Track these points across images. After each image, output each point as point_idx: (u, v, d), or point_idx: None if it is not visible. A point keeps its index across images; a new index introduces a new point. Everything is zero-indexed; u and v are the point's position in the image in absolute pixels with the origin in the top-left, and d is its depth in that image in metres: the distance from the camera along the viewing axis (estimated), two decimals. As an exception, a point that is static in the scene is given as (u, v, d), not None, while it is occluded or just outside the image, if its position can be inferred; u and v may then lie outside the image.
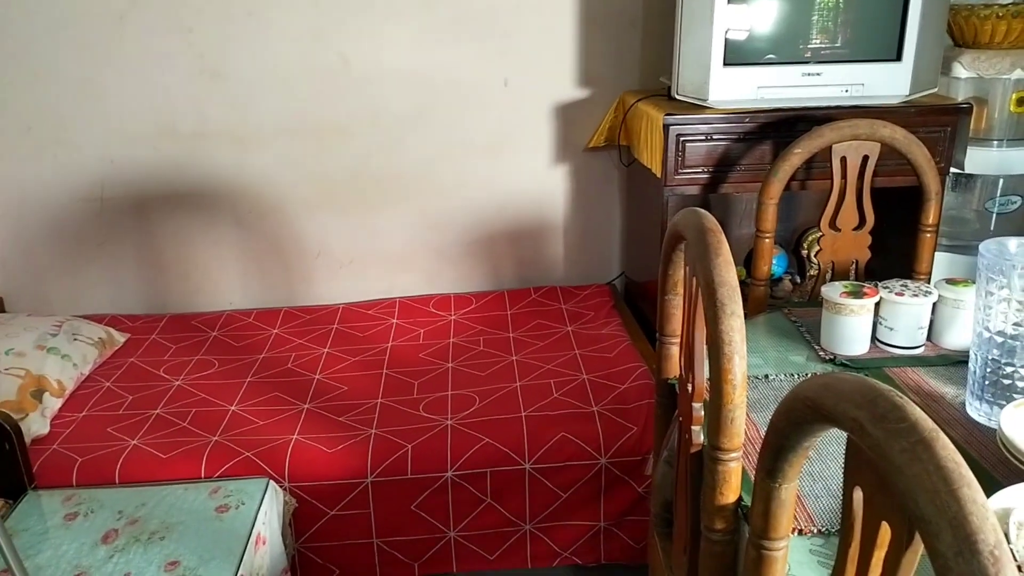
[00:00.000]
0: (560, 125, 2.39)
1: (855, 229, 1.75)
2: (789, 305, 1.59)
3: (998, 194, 2.12)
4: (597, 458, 1.69)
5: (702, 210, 1.06)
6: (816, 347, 1.36)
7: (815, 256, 1.82)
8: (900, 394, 0.57)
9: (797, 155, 1.68)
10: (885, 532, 0.58)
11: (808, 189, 1.98)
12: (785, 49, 1.86)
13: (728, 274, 0.93)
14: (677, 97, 1.93)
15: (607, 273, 2.58)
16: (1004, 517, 0.84)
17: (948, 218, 2.20)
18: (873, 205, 1.75)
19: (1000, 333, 1.08)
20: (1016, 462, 0.96)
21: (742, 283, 2.07)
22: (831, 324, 1.34)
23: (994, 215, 2.14)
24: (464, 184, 2.42)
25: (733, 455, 0.92)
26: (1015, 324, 1.06)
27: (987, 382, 1.11)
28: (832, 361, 1.32)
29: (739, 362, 0.89)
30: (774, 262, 2.35)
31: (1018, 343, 1.07)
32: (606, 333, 2.14)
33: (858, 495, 0.61)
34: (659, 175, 1.95)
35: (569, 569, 1.83)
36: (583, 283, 2.51)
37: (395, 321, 2.30)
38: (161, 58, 2.25)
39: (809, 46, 1.86)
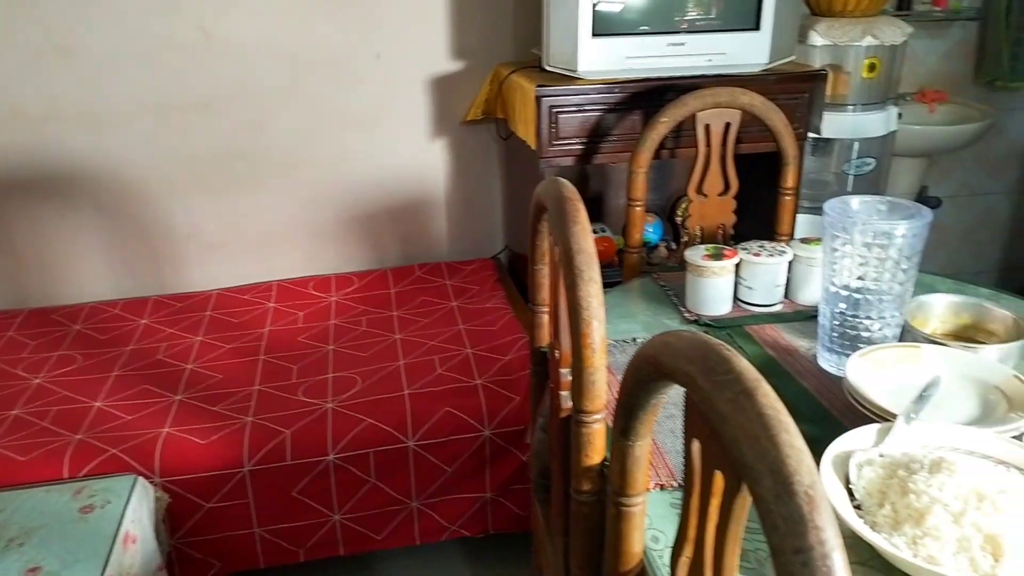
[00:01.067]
0: (436, 98, 2.36)
1: (721, 194, 1.80)
2: (659, 270, 1.63)
3: (854, 156, 2.24)
4: (480, 430, 1.69)
5: (561, 179, 1.07)
6: (682, 309, 1.40)
7: (685, 222, 1.87)
8: (729, 348, 0.58)
9: (663, 124, 1.71)
10: (719, 481, 0.60)
11: (678, 157, 2.03)
12: (651, 19, 1.89)
13: (585, 241, 0.94)
14: (548, 68, 1.94)
15: (492, 247, 2.58)
16: (847, 460, 0.89)
17: (810, 181, 2.31)
18: (738, 171, 1.81)
19: (845, 287, 1.13)
20: (860, 407, 1.01)
21: (620, 251, 2.11)
22: (695, 286, 1.38)
23: (851, 177, 2.26)
24: (340, 160, 2.37)
25: (596, 417, 0.93)
26: (859, 278, 1.12)
27: (835, 334, 1.17)
28: (697, 322, 1.36)
29: (597, 326, 0.90)
30: (650, 229, 2.41)
31: (861, 296, 1.13)
32: (490, 307, 2.14)
33: (696, 447, 0.63)
34: (534, 147, 1.96)
35: (458, 542, 1.83)
36: (468, 258, 2.50)
37: (272, 305, 2.23)
38: (1, 35, 2.08)
39: (673, 17, 1.89)
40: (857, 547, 0.84)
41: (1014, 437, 0.93)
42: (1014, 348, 1.12)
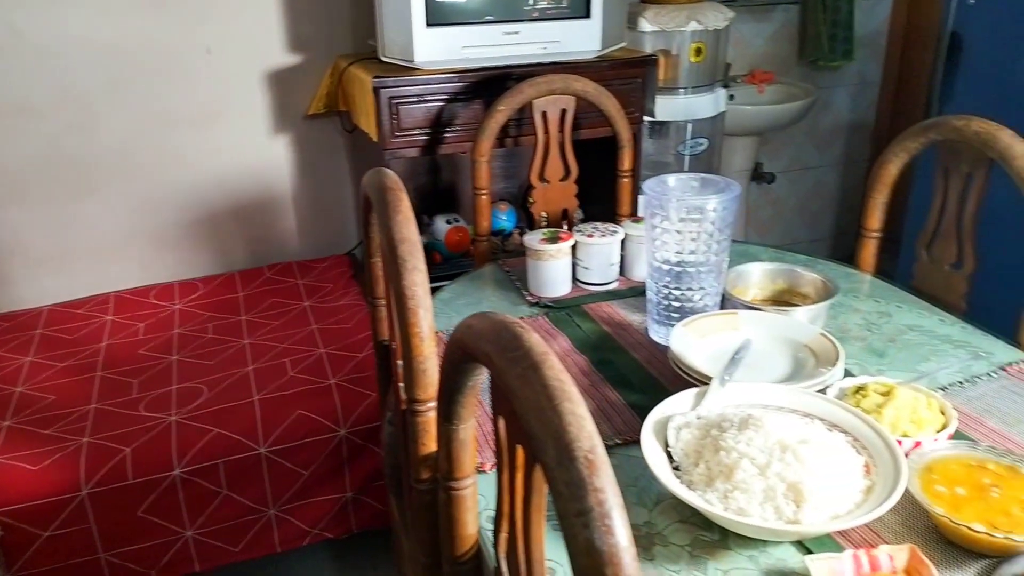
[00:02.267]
0: (275, 93, 2.29)
1: (563, 179, 1.84)
2: (503, 256, 1.65)
3: (688, 137, 2.35)
4: (336, 430, 1.66)
5: (384, 170, 1.06)
6: (525, 293, 1.43)
7: (531, 208, 1.90)
8: (523, 325, 0.60)
9: (501, 112, 1.73)
10: (520, 455, 0.62)
11: (522, 145, 2.06)
12: (485, 8, 1.90)
13: (407, 230, 0.94)
14: (385, 60, 1.92)
15: (346, 243, 2.53)
16: (666, 423, 0.93)
17: (651, 163, 2.40)
18: (581, 156, 1.85)
19: (667, 262, 1.19)
20: (683, 374, 1.07)
21: (472, 240, 2.10)
22: (535, 270, 1.41)
23: (687, 157, 2.37)
24: (175, 162, 2.26)
25: (429, 405, 0.94)
26: (677, 252, 1.17)
27: (662, 307, 1.22)
28: (538, 304, 1.39)
29: (424, 315, 0.90)
30: (503, 217, 2.43)
31: (682, 269, 1.18)
32: (344, 304, 2.11)
33: (501, 424, 0.64)
34: (376, 139, 1.94)
35: (322, 544, 1.80)
36: (321, 255, 2.45)
37: (110, 318, 2.10)
38: None
39: (507, 5, 1.91)
40: (679, 506, 0.88)
41: (819, 390, 1.01)
42: (822, 308, 1.21)
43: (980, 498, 0.83)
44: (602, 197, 1.99)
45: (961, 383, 1.12)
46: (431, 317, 0.91)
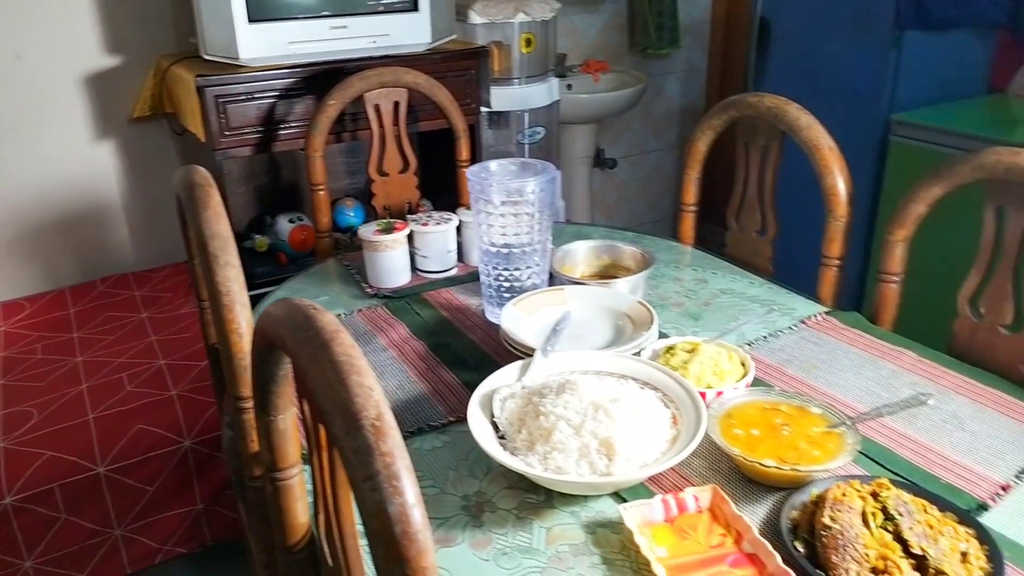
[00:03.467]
0: (95, 97, 2.18)
1: (402, 172, 1.85)
2: (343, 251, 1.65)
3: (526, 126, 2.41)
4: (180, 441, 1.61)
5: (194, 167, 1.04)
6: (364, 285, 1.43)
7: (373, 202, 1.90)
8: (316, 307, 0.61)
9: (332, 106, 1.72)
10: (323, 435, 0.63)
11: (360, 139, 2.05)
12: (310, 3, 1.88)
13: (218, 226, 0.93)
14: (207, 58, 1.86)
15: (184, 250, 2.44)
16: (493, 396, 0.97)
17: (493, 153, 2.45)
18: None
19: (494, 244, 1.23)
20: (513, 350, 1.11)
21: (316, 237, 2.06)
22: (372, 261, 1.42)
23: (527, 146, 2.44)
24: (-11, 175, 2.11)
25: (252, 402, 0.93)
26: (502, 235, 1.22)
27: (494, 289, 1.26)
28: (377, 295, 1.40)
29: (240, 311, 0.90)
30: (351, 214, 2.42)
31: (508, 250, 1.22)
32: (185, 313, 2.04)
33: (305, 407, 0.66)
34: (204, 140, 1.88)
35: (178, 562, 1.74)
36: (158, 264, 2.35)
37: (-78, 346, 1.94)
38: None
39: (333, 0, 1.90)
40: (508, 473, 0.92)
41: (634, 353, 1.07)
42: (640, 279, 1.29)
43: (773, 437, 0.91)
44: (449, 187, 2.01)
45: (765, 337, 1.22)
46: (248, 313, 0.91)
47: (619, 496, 0.88)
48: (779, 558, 0.76)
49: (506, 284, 1.25)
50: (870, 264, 2.27)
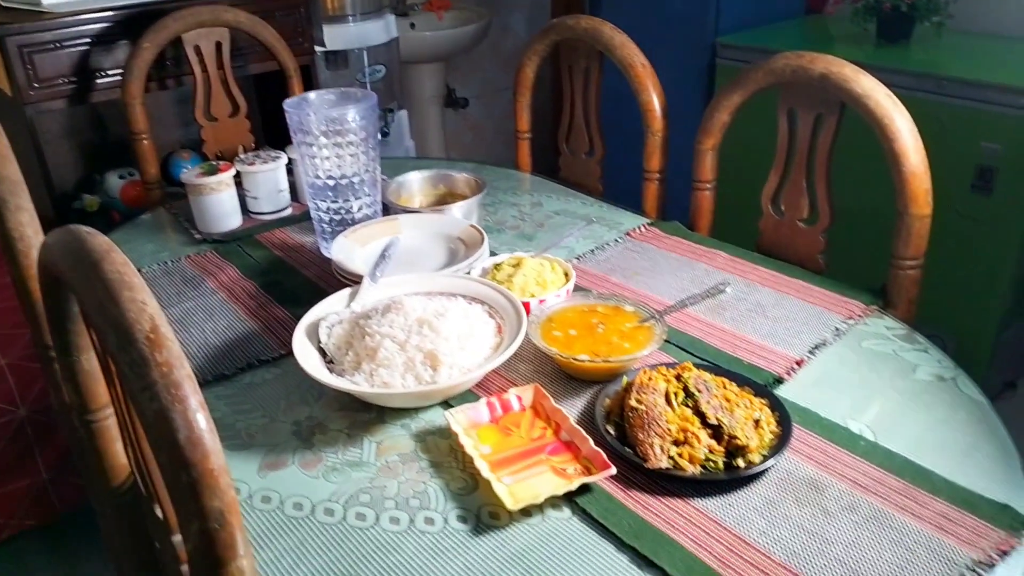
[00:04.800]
0: None
1: (232, 116, 1.79)
2: (170, 200, 1.59)
3: (365, 65, 2.37)
4: (15, 411, 1.53)
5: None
6: (193, 231, 1.39)
7: (204, 149, 1.83)
8: (91, 231, 0.59)
9: (146, 50, 1.63)
10: (111, 363, 0.62)
11: (186, 85, 1.96)
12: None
13: (5, 169, 0.88)
14: (6, 6, 1.72)
15: None
16: (319, 322, 0.97)
17: (335, 95, 2.39)
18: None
19: (319, 177, 1.21)
20: (343, 279, 1.11)
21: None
22: (199, 206, 1.37)
23: (368, 85, 2.39)
24: None
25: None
26: (327, 168, 1.20)
27: (327, 224, 1.25)
28: (207, 241, 1.36)
29: (37, 256, 0.86)
30: (188, 165, 2.31)
31: (336, 182, 1.22)
32: (8, 281, 1.91)
33: (95, 337, 0.64)
34: (11, 94, 1.74)
35: (32, 533, 1.66)
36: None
37: None
38: None
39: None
40: (340, 396, 0.93)
41: (466, 273, 1.10)
42: (473, 203, 1.31)
43: (589, 335, 0.96)
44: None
45: (593, 251, 1.27)
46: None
47: (449, 405, 0.91)
48: (592, 441, 0.81)
49: (337, 218, 1.24)
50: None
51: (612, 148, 1.52)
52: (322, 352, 0.94)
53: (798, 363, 0.97)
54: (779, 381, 0.94)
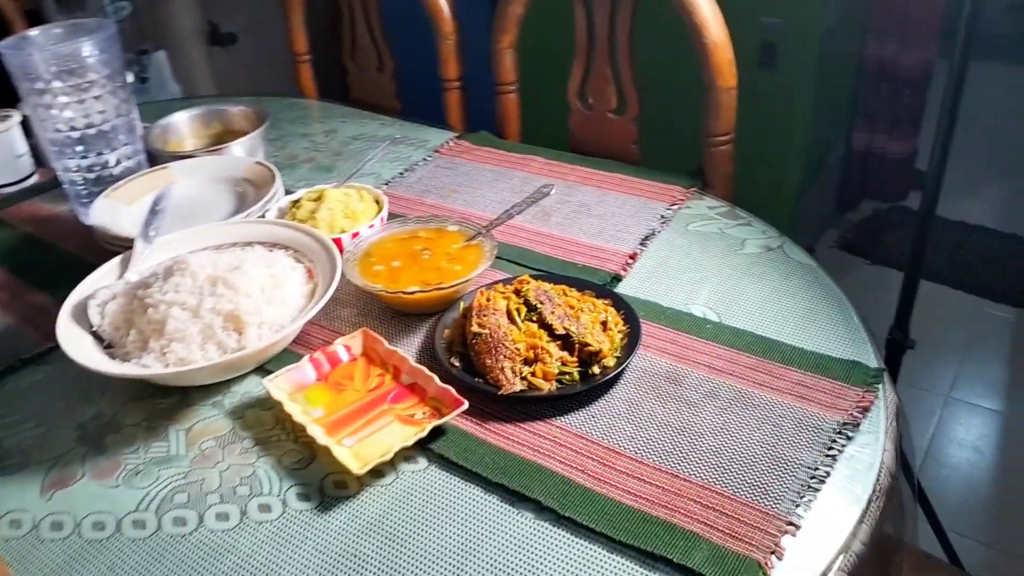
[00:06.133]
0: None
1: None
2: None
3: (106, 2, 2.05)
4: None
5: None
6: (-89, 220, 1.13)
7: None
8: None
9: None
10: None
11: None
12: None
13: None
14: None
15: None
16: (87, 301, 0.81)
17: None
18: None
19: (60, 130, 1.01)
20: (111, 247, 0.94)
21: None
22: (-89, 188, 1.11)
23: (116, 24, 2.08)
24: None
25: None
26: (70, 116, 1.00)
27: (79, 185, 1.05)
28: (-70, 228, 1.11)
29: None
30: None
31: (82, 133, 1.01)
32: None
33: None
34: None
35: None
36: None
37: None
38: None
39: None
40: (129, 385, 0.78)
41: (260, 216, 0.96)
42: (256, 138, 1.15)
43: (414, 264, 0.87)
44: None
45: (402, 173, 1.16)
46: None
47: (267, 371, 0.78)
48: (437, 379, 0.72)
49: (92, 176, 1.04)
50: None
51: (404, 60, 1.39)
52: (97, 337, 0.78)
53: (631, 257, 0.93)
54: (617, 279, 0.89)
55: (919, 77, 2.18)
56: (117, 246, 0.93)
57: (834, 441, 0.66)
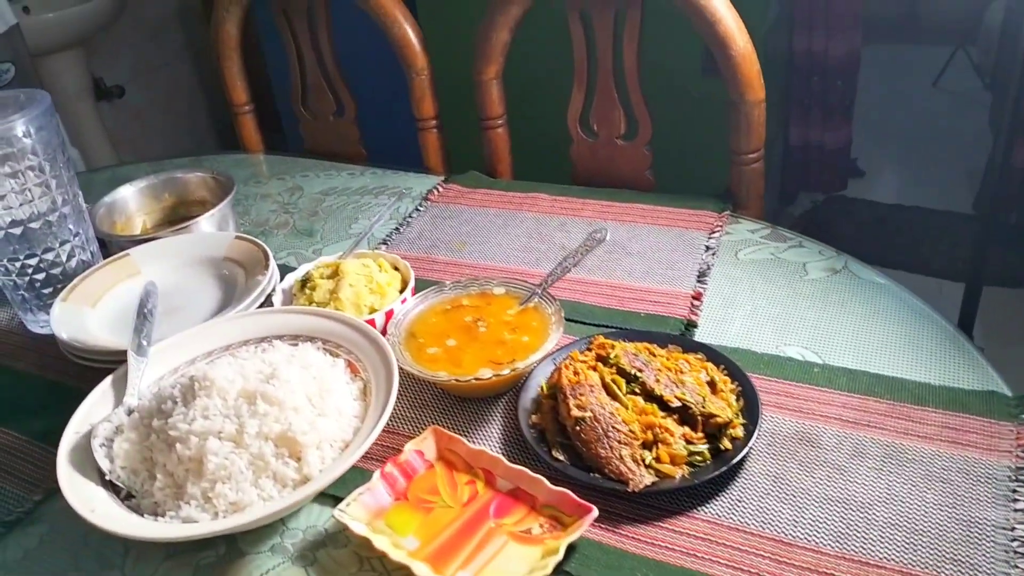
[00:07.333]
0: None
1: None
2: None
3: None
4: None
5: None
6: None
7: None
8: None
9: None
10: None
11: None
12: None
13: None
14: None
15: None
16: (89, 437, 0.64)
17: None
18: None
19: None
20: (86, 363, 0.77)
21: None
22: None
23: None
24: None
25: None
26: (6, 208, 0.82)
27: (23, 288, 0.87)
28: None
29: None
30: None
31: (23, 228, 0.84)
32: None
33: None
34: None
35: None
36: None
37: None
38: None
39: None
40: (153, 549, 0.63)
41: (263, 304, 0.81)
42: (224, 209, 0.99)
43: (474, 341, 0.74)
44: None
45: (398, 229, 1.03)
46: None
47: (326, 495, 0.64)
48: (546, 481, 0.61)
49: (40, 277, 0.87)
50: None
51: (365, 101, 1.26)
52: (110, 484, 0.62)
53: (696, 298, 0.84)
54: (691, 325, 0.80)
55: (848, 67, 2.20)
56: (92, 360, 0.76)
57: (1014, 491, 0.59)
